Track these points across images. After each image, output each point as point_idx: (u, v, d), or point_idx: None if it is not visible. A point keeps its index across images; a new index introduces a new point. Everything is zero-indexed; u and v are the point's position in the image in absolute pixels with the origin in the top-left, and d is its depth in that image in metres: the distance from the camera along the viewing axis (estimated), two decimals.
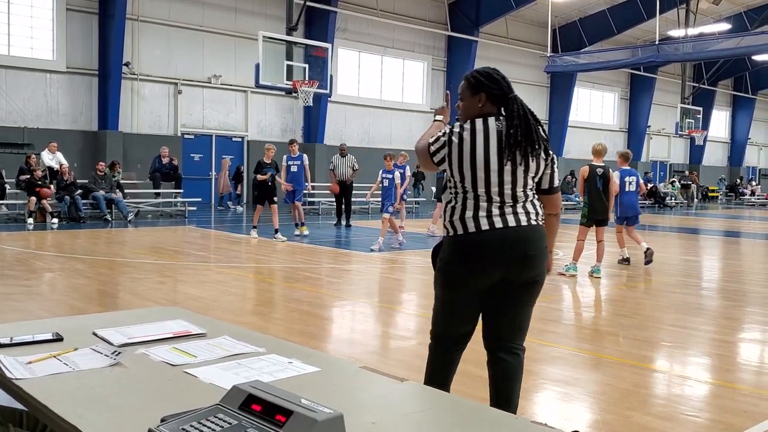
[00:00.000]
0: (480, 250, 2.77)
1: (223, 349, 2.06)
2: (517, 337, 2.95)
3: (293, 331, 5.39)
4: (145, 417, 1.47)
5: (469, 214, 2.78)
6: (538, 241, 2.82)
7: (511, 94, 2.85)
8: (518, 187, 2.79)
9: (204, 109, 20.11)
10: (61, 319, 2.58)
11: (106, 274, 8.02)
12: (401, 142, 24.69)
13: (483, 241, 2.76)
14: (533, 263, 2.80)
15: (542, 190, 2.94)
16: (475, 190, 2.78)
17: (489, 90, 2.85)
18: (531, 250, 2.78)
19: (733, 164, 40.03)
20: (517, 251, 2.76)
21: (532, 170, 2.81)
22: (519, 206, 2.81)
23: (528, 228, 2.80)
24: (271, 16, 20.55)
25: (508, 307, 2.90)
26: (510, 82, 2.93)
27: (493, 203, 2.77)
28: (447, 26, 24.89)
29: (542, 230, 2.87)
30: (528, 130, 2.76)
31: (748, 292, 8.11)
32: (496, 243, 2.75)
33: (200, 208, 17.83)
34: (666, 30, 24.87)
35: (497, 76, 2.89)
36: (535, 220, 2.84)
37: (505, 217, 2.77)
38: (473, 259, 2.79)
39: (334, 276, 8.61)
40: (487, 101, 2.85)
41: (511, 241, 2.75)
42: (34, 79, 17.21)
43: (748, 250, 13.56)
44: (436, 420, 1.57)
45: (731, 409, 3.81)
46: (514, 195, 2.79)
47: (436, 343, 3.05)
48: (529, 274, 2.82)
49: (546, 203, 2.96)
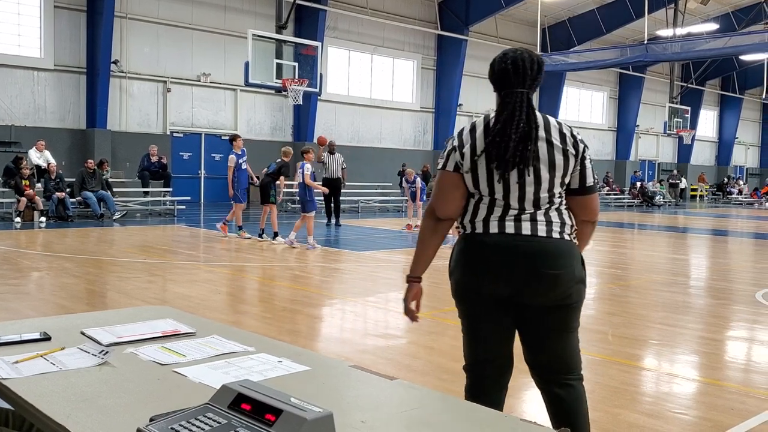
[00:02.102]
0: (488, 254, 2.39)
1: (212, 348, 2.05)
2: (564, 370, 2.50)
3: (283, 330, 5.38)
4: (133, 416, 1.46)
5: (481, 217, 2.43)
6: (560, 258, 2.37)
7: (509, 88, 2.39)
8: (536, 193, 2.38)
9: (193, 108, 20.04)
10: (49, 319, 2.56)
11: (94, 273, 7.97)
12: (391, 141, 24.73)
13: (491, 243, 2.39)
14: (552, 283, 2.35)
15: (571, 191, 2.45)
16: (491, 195, 2.41)
17: (491, 79, 2.48)
18: (548, 267, 2.35)
19: (720, 163, 40.32)
20: (530, 266, 2.35)
21: (544, 174, 2.36)
22: (540, 213, 2.39)
23: (546, 241, 2.37)
24: (261, 15, 20.49)
25: (538, 336, 2.48)
26: (525, 70, 2.40)
27: (510, 209, 2.39)
28: (437, 25, 24.91)
29: (568, 245, 2.40)
30: (507, 132, 2.33)
31: (736, 290, 8.17)
32: (506, 249, 2.37)
33: (189, 207, 17.76)
34: (654, 30, 25.00)
35: (499, 63, 2.45)
36: (559, 232, 2.39)
37: (520, 224, 2.38)
38: (481, 264, 2.41)
39: (324, 275, 8.60)
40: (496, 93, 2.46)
41: (523, 253, 2.35)
42: (22, 77, 17.09)
43: (736, 248, 13.66)
44: (426, 419, 1.57)
45: (718, 406, 3.83)
46: (535, 201, 2.38)
47: (468, 376, 2.62)
48: (550, 296, 2.38)
49: (576, 207, 2.46)
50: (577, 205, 2.46)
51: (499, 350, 2.53)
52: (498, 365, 2.56)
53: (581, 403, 2.52)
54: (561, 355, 2.49)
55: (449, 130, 25.02)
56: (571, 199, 2.46)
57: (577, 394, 2.50)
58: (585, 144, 2.44)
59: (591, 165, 2.45)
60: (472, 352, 2.57)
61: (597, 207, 2.51)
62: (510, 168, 2.34)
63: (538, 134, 2.36)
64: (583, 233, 2.51)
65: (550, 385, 2.52)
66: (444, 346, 5.05)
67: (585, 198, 2.45)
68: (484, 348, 2.54)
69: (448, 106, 25.38)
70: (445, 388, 3.89)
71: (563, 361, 2.50)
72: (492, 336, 2.52)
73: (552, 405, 2.53)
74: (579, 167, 2.41)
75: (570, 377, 2.51)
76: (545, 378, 2.53)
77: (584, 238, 2.53)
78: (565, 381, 2.50)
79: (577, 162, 2.40)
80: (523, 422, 1.59)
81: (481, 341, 2.54)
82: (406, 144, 25.22)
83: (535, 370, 2.55)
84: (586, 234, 2.53)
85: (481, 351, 2.55)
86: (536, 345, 2.49)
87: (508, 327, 2.51)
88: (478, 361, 2.57)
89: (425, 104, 25.62)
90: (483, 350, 2.54)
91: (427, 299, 7.02)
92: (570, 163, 2.38)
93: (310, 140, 21.52)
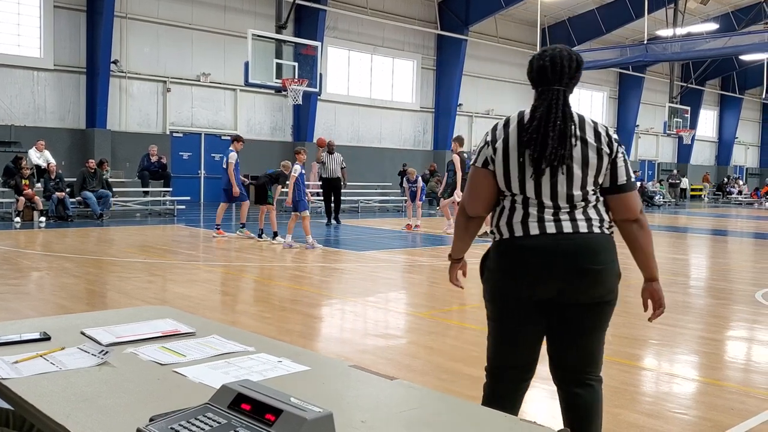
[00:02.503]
0: (528, 257, 2.36)
1: (212, 348, 2.05)
2: (589, 368, 2.50)
3: (283, 330, 5.38)
4: (133, 416, 1.46)
5: (518, 218, 2.40)
6: (602, 252, 2.36)
7: (546, 85, 2.39)
8: (569, 190, 2.36)
9: (193, 108, 20.03)
10: (49, 319, 2.56)
11: (94, 273, 7.97)
12: (391, 141, 24.73)
13: (531, 246, 2.36)
14: (596, 279, 2.35)
15: (604, 189, 2.42)
16: (524, 193, 2.39)
17: (529, 76, 2.46)
18: (592, 263, 2.34)
19: (720, 163, 40.34)
20: (574, 264, 2.33)
21: (577, 172, 2.34)
22: (578, 212, 2.37)
23: (588, 236, 2.35)
24: (261, 14, 20.49)
25: (572, 334, 2.45)
26: (563, 68, 2.39)
27: (545, 207, 2.37)
28: (437, 25, 24.91)
29: (608, 241, 2.40)
30: (543, 129, 2.33)
31: (735, 290, 8.17)
32: (549, 251, 2.34)
33: (189, 207, 17.76)
34: (654, 30, 25.00)
35: (537, 60, 2.42)
36: (599, 227, 2.38)
37: (560, 223, 2.36)
38: (521, 268, 2.38)
39: (324, 275, 8.60)
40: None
41: (566, 251, 2.33)
42: (22, 77, 17.09)
43: (735, 248, 13.66)
44: (426, 419, 1.57)
45: (718, 406, 3.83)
46: (569, 198, 2.36)
47: (490, 377, 2.59)
48: (593, 294, 2.37)
49: (612, 205, 2.42)
50: (612, 203, 2.42)
51: (528, 355, 2.52)
52: (524, 369, 2.54)
53: (598, 405, 2.51)
54: (590, 353, 2.48)
55: (449, 130, 25.03)
56: (607, 198, 2.42)
57: (594, 395, 2.50)
58: (620, 143, 2.42)
59: (625, 163, 2.41)
60: (501, 356, 2.54)
61: (635, 204, 2.42)
62: (545, 166, 2.32)
63: (575, 132, 2.35)
64: (630, 236, 2.43)
65: (570, 385, 2.50)
66: (444, 346, 5.06)
67: (620, 196, 2.40)
68: (514, 353, 2.52)
69: (448, 106, 25.38)
70: (444, 388, 3.88)
71: (592, 359, 2.49)
72: (524, 341, 2.49)
73: (569, 405, 2.51)
74: (611, 165, 2.39)
75: (592, 377, 2.50)
76: (568, 378, 2.51)
77: (636, 243, 2.44)
78: (587, 381, 2.49)
79: (610, 161, 2.38)
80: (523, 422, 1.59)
81: (512, 346, 2.51)
82: (406, 144, 25.22)
83: (559, 370, 2.52)
84: (634, 237, 2.43)
85: (511, 356, 2.53)
86: (569, 343, 2.47)
87: (541, 331, 2.49)
88: (505, 366, 2.54)
89: (425, 104, 25.63)
90: (512, 356, 2.53)
91: (426, 299, 7.05)
92: (603, 161, 2.36)
93: (310, 140, 21.52)
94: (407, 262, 9.83)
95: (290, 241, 10.76)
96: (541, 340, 2.53)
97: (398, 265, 9.54)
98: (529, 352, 2.52)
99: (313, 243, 10.68)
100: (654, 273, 2.52)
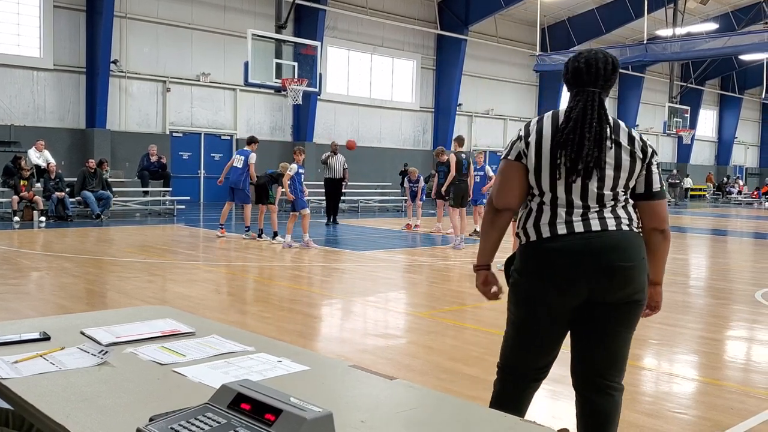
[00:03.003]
0: (555, 258, 2.33)
1: (212, 348, 2.05)
2: (612, 372, 2.45)
3: (282, 330, 5.38)
4: (133, 416, 1.46)
5: (545, 220, 2.38)
6: (631, 249, 2.33)
7: (581, 86, 2.37)
8: (600, 190, 2.34)
9: (192, 107, 20.03)
10: (49, 319, 2.56)
11: (94, 272, 7.97)
12: (390, 141, 24.73)
13: (559, 248, 2.33)
14: (626, 277, 2.31)
15: (636, 195, 2.41)
16: (554, 192, 2.38)
17: (564, 78, 2.46)
18: (622, 260, 2.30)
19: (720, 163, 40.34)
20: (603, 262, 2.30)
21: (609, 173, 2.34)
22: (607, 211, 2.36)
23: (617, 233, 2.33)
24: (260, 14, 20.49)
25: (599, 333, 2.40)
26: (598, 70, 2.37)
27: (575, 208, 2.35)
28: (436, 25, 24.90)
29: (638, 238, 2.38)
30: (580, 131, 2.31)
31: (735, 290, 8.17)
32: (577, 250, 2.31)
33: (189, 207, 17.75)
34: (654, 29, 25.00)
35: (572, 62, 2.42)
36: (628, 225, 2.36)
37: (588, 221, 2.33)
38: (549, 271, 2.35)
39: (324, 274, 8.60)
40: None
41: (595, 249, 2.30)
42: (21, 77, 17.08)
43: (735, 248, 13.66)
44: (426, 418, 1.57)
45: (718, 406, 3.83)
46: (599, 198, 2.35)
47: (503, 375, 2.56)
48: (622, 292, 2.33)
49: (643, 213, 2.41)
50: (643, 210, 2.41)
51: (548, 358, 2.50)
52: (540, 371, 2.53)
53: (617, 415, 2.47)
54: (615, 355, 2.43)
55: (449, 130, 25.04)
56: (638, 204, 2.42)
57: (614, 404, 2.46)
58: (654, 149, 2.41)
59: (658, 171, 2.42)
60: (519, 358, 2.51)
61: (665, 214, 2.43)
62: (582, 167, 2.30)
63: (610, 135, 2.34)
64: (652, 244, 2.41)
65: (591, 392, 2.46)
66: (443, 346, 5.06)
67: (651, 204, 2.40)
68: (534, 356, 2.49)
69: (448, 106, 25.38)
70: (444, 387, 3.89)
71: (616, 362, 2.44)
72: (547, 345, 2.47)
73: (586, 413, 2.48)
74: (645, 171, 2.38)
75: (614, 384, 2.46)
76: (590, 383, 2.46)
77: (657, 251, 2.43)
78: (608, 388, 2.45)
79: (643, 166, 2.37)
80: (523, 422, 1.59)
81: (534, 350, 2.48)
82: (406, 144, 25.22)
83: (581, 373, 2.48)
84: (659, 246, 2.42)
85: (530, 359, 2.50)
86: (595, 344, 2.43)
87: (563, 334, 2.47)
88: (521, 365, 2.52)
89: (425, 104, 25.63)
90: (532, 359, 2.50)
91: (426, 299, 7.05)
92: (636, 165, 2.36)
93: (310, 140, 21.54)
94: (407, 261, 9.83)
95: (290, 241, 10.76)
96: (563, 341, 2.49)
97: (398, 264, 9.54)
98: (549, 355, 2.49)
99: (308, 242, 10.67)
100: (661, 278, 2.52)
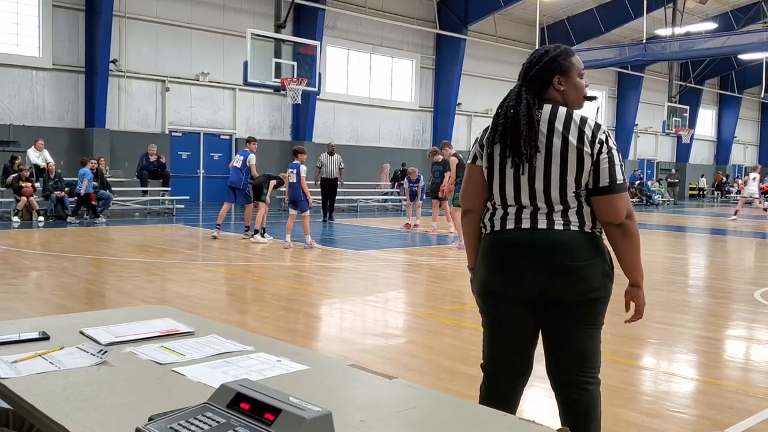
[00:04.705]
0: (508, 250, 2.37)
1: (211, 347, 2.05)
2: (584, 369, 2.44)
3: (282, 330, 5.39)
4: (132, 416, 1.46)
5: (498, 215, 2.43)
6: (581, 249, 2.32)
7: (520, 81, 2.45)
8: (547, 190, 2.34)
9: (192, 107, 20.03)
10: (48, 318, 2.56)
11: (93, 272, 7.97)
12: (390, 141, 24.73)
13: (508, 239, 2.38)
14: (576, 276, 2.31)
15: (589, 192, 2.34)
16: (503, 191, 2.44)
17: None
18: (568, 259, 2.30)
19: (719, 162, 40.36)
20: (549, 260, 2.31)
21: (555, 169, 2.31)
22: (556, 214, 2.35)
23: (565, 233, 2.32)
24: (260, 14, 20.48)
25: (562, 332, 2.41)
26: (524, 68, 2.45)
27: (524, 207, 2.38)
28: (436, 24, 24.91)
29: (592, 237, 2.35)
30: (513, 126, 2.34)
31: (734, 289, 8.18)
32: (524, 244, 2.34)
33: (188, 206, 17.75)
34: (653, 29, 25.02)
35: (529, 59, 2.48)
36: (579, 227, 2.34)
37: (536, 220, 2.36)
38: (502, 260, 2.39)
39: (323, 274, 8.60)
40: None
41: (541, 246, 2.32)
42: (20, 77, 17.07)
43: (734, 247, 13.67)
44: (425, 418, 1.57)
45: (717, 405, 3.84)
46: (547, 199, 2.35)
47: (484, 374, 2.60)
48: (574, 291, 2.33)
49: (595, 207, 2.34)
50: (595, 204, 2.34)
51: (520, 353, 2.50)
52: (517, 368, 2.53)
53: (596, 409, 2.47)
54: (583, 352, 2.42)
55: (448, 130, 25.04)
56: (592, 201, 2.35)
57: (589, 398, 2.45)
58: (605, 143, 2.32)
59: (610, 164, 2.31)
60: (493, 353, 2.54)
61: (618, 209, 2.31)
62: (524, 151, 2.32)
63: (552, 122, 2.33)
64: (611, 241, 2.37)
65: (567, 389, 2.46)
66: (442, 345, 5.06)
67: (601, 198, 2.32)
68: (504, 350, 2.51)
69: (447, 106, 25.39)
70: (443, 387, 3.89)
71: (585, 359, 2.42)
72: (514, 338, 2.48)
73: (566, 411, 2.48)
74: (592, 167, 2.31)
75: (589, 379, 2.44)
76: (564, 380, 2.46)
77: (616, 248, 2.38)
78: (583, 383, 2.44)
79: (592, 161, 2.30)
80: (522, 421, 1.60)
81: (502, 343, 2.50)
82: (405, 143, 25.22)
83: (554, 372, 2.48)
84: (615, 242, 2.37)
85: (502, 353, 2.52)
86: (559, 342, 2.43)
87: (530, 329, 2.47)
88: (497, 363, 2.54)
89: (424, 103, 25.62)
90: (503, 352, 2.52)
91: (424, 299, 7.05)
92: (585, 163, 2.30)
93: (309, 140, 21.53)
94: (406, 261, 9.83)
95: (289, 241, 10.76)
96: (534, 341, 2.51)
97: (397, 264, 9.54)
98: (520, 351, 2.50)
99: (311, 243, 10.67)
100: (637, 279, 2.45)
